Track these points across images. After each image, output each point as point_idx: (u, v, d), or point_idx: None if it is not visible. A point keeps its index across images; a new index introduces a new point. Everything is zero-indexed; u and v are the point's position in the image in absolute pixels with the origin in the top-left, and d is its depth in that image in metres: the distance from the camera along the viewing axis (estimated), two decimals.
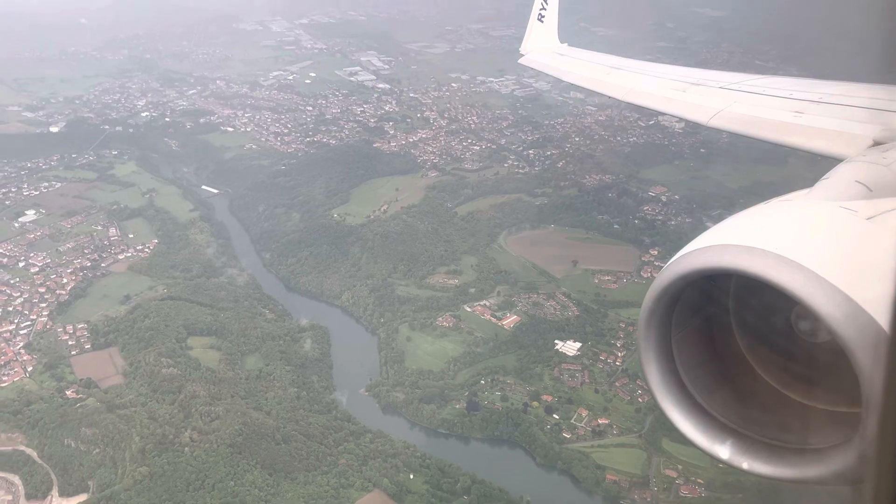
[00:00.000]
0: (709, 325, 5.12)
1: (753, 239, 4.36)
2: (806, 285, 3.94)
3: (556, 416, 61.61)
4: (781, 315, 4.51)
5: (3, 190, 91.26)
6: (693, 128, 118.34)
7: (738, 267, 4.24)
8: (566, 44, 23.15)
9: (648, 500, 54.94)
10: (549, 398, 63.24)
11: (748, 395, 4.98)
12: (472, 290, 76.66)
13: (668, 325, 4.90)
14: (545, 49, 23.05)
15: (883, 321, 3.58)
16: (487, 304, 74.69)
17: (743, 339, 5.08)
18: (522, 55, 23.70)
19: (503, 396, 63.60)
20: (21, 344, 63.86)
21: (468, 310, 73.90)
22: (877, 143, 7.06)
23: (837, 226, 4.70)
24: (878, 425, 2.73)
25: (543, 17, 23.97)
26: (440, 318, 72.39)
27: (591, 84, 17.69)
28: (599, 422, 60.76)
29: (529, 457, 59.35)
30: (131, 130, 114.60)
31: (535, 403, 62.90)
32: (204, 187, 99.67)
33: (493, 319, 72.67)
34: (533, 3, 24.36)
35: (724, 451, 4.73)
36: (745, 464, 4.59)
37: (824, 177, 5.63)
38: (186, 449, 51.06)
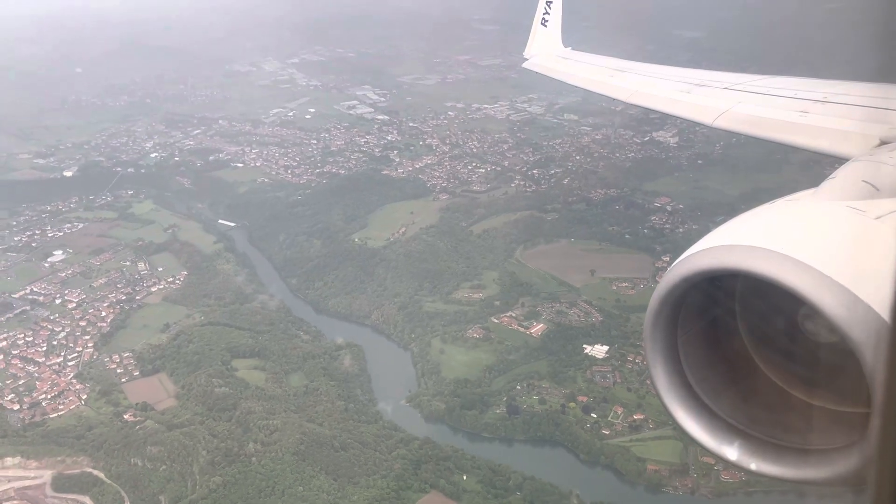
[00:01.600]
0: (715, 327, 5.10)
1: (759, 239, 4.33)
2: (813, 285, 3.91)
3: (594, 415, 64.18)
4: (788, 316, 4.47)
5: (28, 233, 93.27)
6: (688, 141, 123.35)
7: (744, 267, 4.22)
8: (570, 48, 23.13)
9: (690, 486, 57.52)
10: (585, 399, 65.88)
11: (755, 396, 4.95)
12: (497, 303, 79.44)
13: (674, 326, 4.90)
14: (549, 53, 23.10)
15: (892, 321, 3.55)
16: (513, 314, 77.47)
17: (750, 340, 5.05)
18: (526, 59, 23.82)
19: (541, 399, 66.20)
20: (72, 374, 65.75)
21: (495, 321, 76.63)
22: (883, 143, 6.96)
23: (845, 226, 4.66)
24: (882, 427, 2.79)
25: (547, 21, 24.10)
26: (470, 330, 75.02)
27: (595, 87, 17.61)
28: (635, 417, 63.32)
29: (572, 454, 61.77)
30: (143, 171, 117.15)
31: (572, 404, 65.51)
32: (221, 221, 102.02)
33: (521, 329, 75.42)
34: (536, 9, 24.61)
35: (731, 452, 4.72)
36: (753, 465, 4.59)
37: (830, 176, 5.56)
38: (253, 459, 53.30)
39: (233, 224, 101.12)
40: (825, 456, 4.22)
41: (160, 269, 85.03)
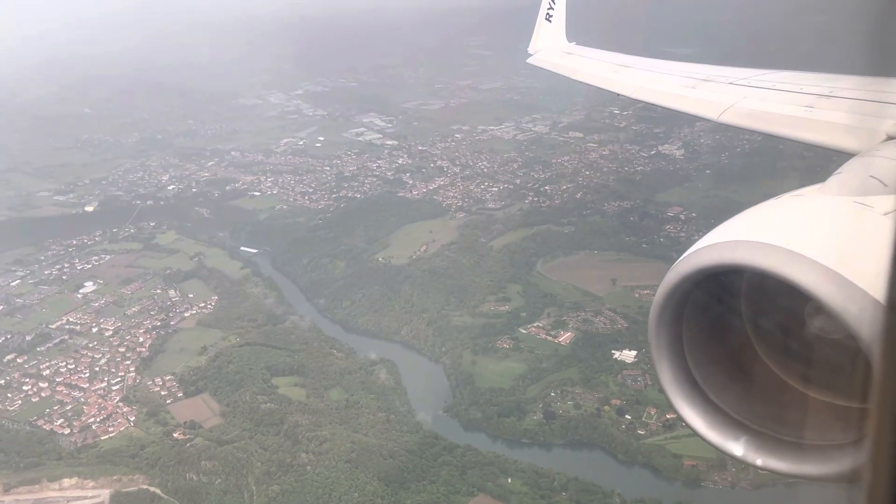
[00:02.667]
0: (720, 322, 5.05)
1: (765, 234, 4.31)
2: (819, 281, 3.89)
3: (628, 417, 65.87)
4: (794, 311, 4.42)
5: (57, 266, 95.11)
6: (693, 153, 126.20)
7: (749, 263, 4.21)
8: (574, 43, 22.87)
9: (729, 480, 59.04)
10: (618, 402, 67.57)
11: (761, 392, 4.92)
12: (524, 314, 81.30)
13: (679, 322, 4.88)
14: (553, 48, 22.86)
15: None
16: (540, 324, 79.31)
17: (755, 336, 5.01)
18: (531, 55, 23.63)
19: (575, 405, 67.87)
20: (118, 398, 67.30)
21: (523, 332, 78.48)
22: (891, 138, 6.92)
23: (852, 221, 4.60)
24: (879, 422, 2.79)
25: (551, 16, 23.93)
26: (499, 342, 76.84)
27: (600, 82, 17.40)
28: (668, 417, 64.61)
29: (610, 455, 63.38)
30: (162, 203, 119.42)
31: (606, 408, 67.22)
32: (243, 248, 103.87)
33: (549, 338, 77.20)
34: (540, 4, 24.67)
35: (737, 448, 4.70)
36: (760, 460, 4.58)
37: (836, 171, 5.49)
38: (308, 468, 54.90)
39: (255, 250, 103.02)
40: (832, 452, 4.20)
41: (191, 296, 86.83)
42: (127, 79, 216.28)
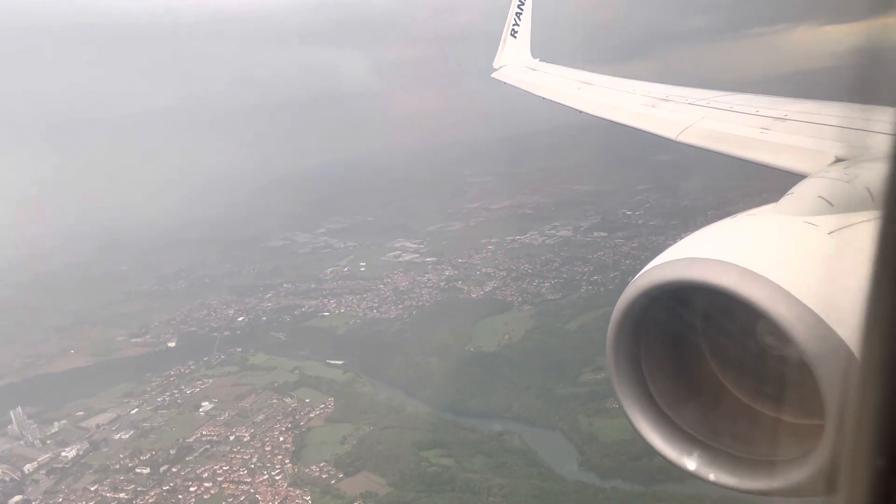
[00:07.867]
0: (677, 339, 5.10)
1: (719, 252, 4.42)
2: (770, 298, 4.01)
3: None
4: (747, 328, 4.51)
5: (168, 393, 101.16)
6: None
7: (703, 280, 4.28)
8: (538, 59, 23.33)
9: None
10: None
11: (716, 407, 5.01)
12: None
13: (637, 337, 4.94)
14: (517, 64, 23.19)
15: (842, 332, 3.76)
16: None
17: (710, 353, 5.11)
18: (495, 69, 23.77)
19: None
20: (285, 484, 72.67)
21: None
22: (839, 160, 7.11)
23: (800, 240, 4.77)
24: (837, 442, 2.90)
25: (516, 32, 24.39)
26: (609, 403, 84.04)
27: (562, 98, 17.44)
28: None
29: None
30: (238, 332, 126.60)
31: None
32: (329, 362, 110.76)
33: None
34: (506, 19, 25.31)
35: (690, 462, 4.82)
36: (712, 475, 4.66)
37: (789, 192, 5.65)
38: None
39: (340, 362, 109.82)
40: (779, 467, 4.28)
41: (307, 400, 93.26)
42: (149, 239, 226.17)
